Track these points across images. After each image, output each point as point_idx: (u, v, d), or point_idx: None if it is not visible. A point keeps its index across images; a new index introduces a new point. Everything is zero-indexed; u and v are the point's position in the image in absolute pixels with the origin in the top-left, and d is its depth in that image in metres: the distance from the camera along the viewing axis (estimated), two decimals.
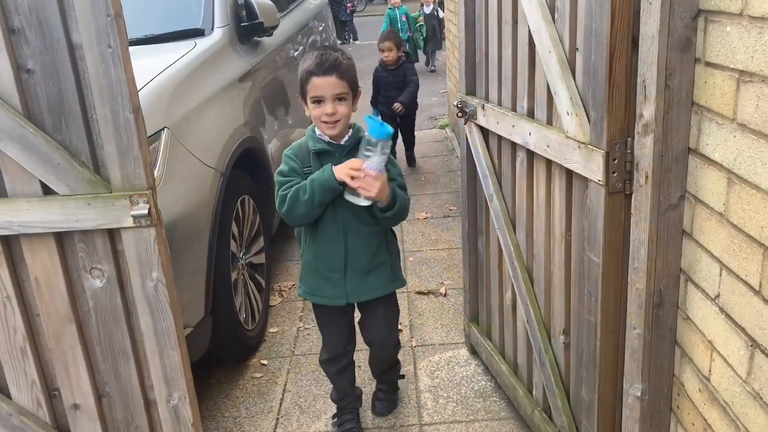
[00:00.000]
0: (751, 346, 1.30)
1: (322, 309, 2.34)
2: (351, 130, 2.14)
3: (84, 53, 1.61)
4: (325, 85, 2.01)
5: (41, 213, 1.71)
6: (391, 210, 2.08)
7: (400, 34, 10.92)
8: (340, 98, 2.03)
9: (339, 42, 10.67)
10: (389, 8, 11.38)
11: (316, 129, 2.13)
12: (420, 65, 11.29)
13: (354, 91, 2.09)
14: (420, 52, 11.44)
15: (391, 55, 5.15)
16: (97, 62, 1.61)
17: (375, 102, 5.48)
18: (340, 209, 2.12)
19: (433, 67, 11.43)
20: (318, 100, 2.03)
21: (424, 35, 11.23)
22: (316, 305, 2.35)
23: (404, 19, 11.12)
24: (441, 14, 10.71)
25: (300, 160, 2.13)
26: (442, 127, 7.13)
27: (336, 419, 2.56)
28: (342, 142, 2.11)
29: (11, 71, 1.63)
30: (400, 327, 3.05)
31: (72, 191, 1.70)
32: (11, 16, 1.61)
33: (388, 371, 2.62)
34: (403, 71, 5.22)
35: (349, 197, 2.03)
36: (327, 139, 2.10)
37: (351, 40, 15.73)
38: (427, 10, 11.26)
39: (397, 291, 2.38)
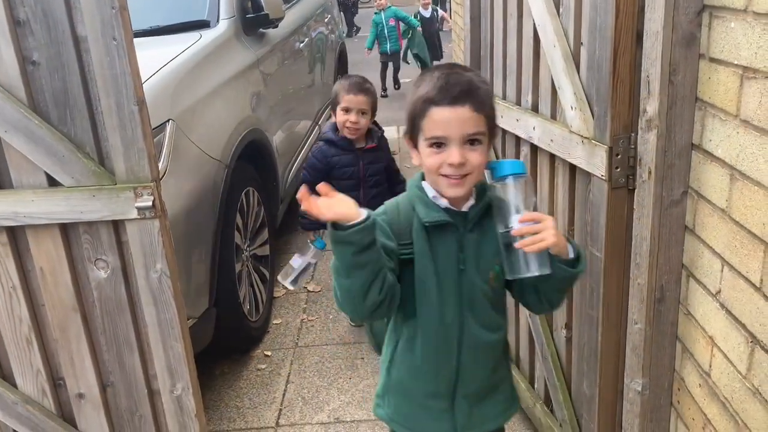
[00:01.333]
0: (752, 342, 1.30)
1: None
2: (474, 188, 1.39)
3: (89, 46, 1.62)
4: (452, 120, 1.29)
5: (46, 204, 1.72)
6: (582, 259, 1.34)
7: (387, 44, 8.48)
8: (472, 140, 1.31)
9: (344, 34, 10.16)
10: (375, 12, 8.79)
11: (427, 186, 1.40)
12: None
13: (492, 130, 1.36)
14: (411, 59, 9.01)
15: (362, 122, 2.84)
16: (102, 54, 1.62)
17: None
18: (453, 305, 1.39)
19: None
20: (438, 143, 1.31)
21: (428, 49, 8.77)
22: None
23: (392, 23, 8.57)
24: (440, 14, 9.31)
25: (395, 232, 1.37)
26: None
27: None
28: (465, 209, 1.38)
29: (17, 63, 1.64)
30: None
31: (77, 183, 1.71)
32: (17, 7, 1.62)
33: None
34: (380, 154, 2.96)
35: (515, 275, 1.30)
36: (445, 203, 1.37)
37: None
38: (426, 13, 9.03)
39: None
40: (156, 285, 1.80)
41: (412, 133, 1.38)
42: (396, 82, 8.79)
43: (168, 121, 2.47)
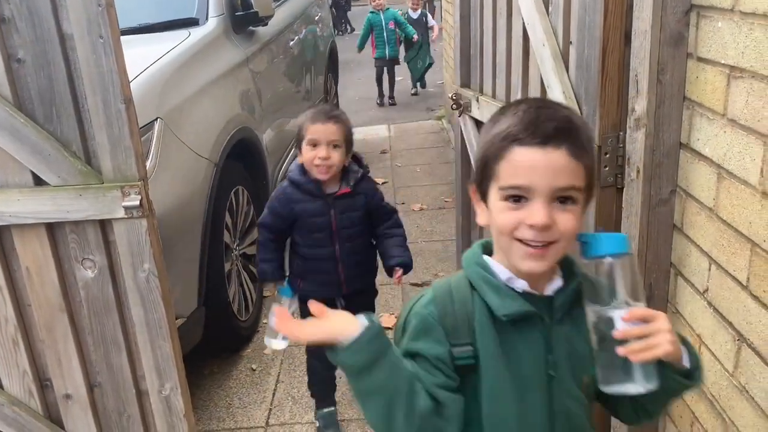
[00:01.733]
0: (738, 340, 1.31)
1: None
2: (560, 263, 1.03)
3: (75, 43, 1.60)
4: (540, 165, 0.94)
5: (32, 203, 1.71)
6: (701, 368, 1.00)
7: (385, 49, 7.93)
8: (564, 198, 0.95)
9: (336, 32, 9.89)
10: (371, 11, 8.12)
11: (494, 263, 1.05)
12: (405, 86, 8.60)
13: (591, 188, 0.99)
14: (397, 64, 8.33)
15: (334, 157, 2.19)
16: (88, 52, 1.60)
17: (274, 257, 2.35)
18: (541, 422, 1.04)
19: (414, 90, 8.63)
20: (517, 196, 0.96)
21: (427, 61, 8.19)
22: None
23: (391, 26, 7.93)
24: (431, 21, 8.64)
25: (448, 329, 1.02)
26: (439, 119, 7.12)
27: None
28: (549, 292, 1.03)
29: (1, 61, 1.62)
30: (393, 316, 3.06)
31: (63, 182, 1.70)
32: (2, 5, 1.60)
33: None
34: (356, 200, 2.28)
35: (612, 388, 0.94)
36: (522, 285, 1.02)
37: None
38: (414, 15, 8.36)
39: (390, 283, 2.24)
40: (144, 285, 1.79)
41: (482, 183, 1.02)
42: (391, 97, 8.26)
43: (156, 119, 2.46)
